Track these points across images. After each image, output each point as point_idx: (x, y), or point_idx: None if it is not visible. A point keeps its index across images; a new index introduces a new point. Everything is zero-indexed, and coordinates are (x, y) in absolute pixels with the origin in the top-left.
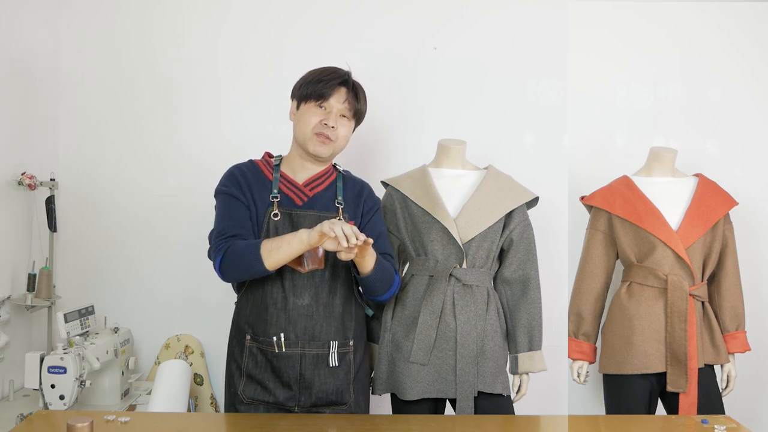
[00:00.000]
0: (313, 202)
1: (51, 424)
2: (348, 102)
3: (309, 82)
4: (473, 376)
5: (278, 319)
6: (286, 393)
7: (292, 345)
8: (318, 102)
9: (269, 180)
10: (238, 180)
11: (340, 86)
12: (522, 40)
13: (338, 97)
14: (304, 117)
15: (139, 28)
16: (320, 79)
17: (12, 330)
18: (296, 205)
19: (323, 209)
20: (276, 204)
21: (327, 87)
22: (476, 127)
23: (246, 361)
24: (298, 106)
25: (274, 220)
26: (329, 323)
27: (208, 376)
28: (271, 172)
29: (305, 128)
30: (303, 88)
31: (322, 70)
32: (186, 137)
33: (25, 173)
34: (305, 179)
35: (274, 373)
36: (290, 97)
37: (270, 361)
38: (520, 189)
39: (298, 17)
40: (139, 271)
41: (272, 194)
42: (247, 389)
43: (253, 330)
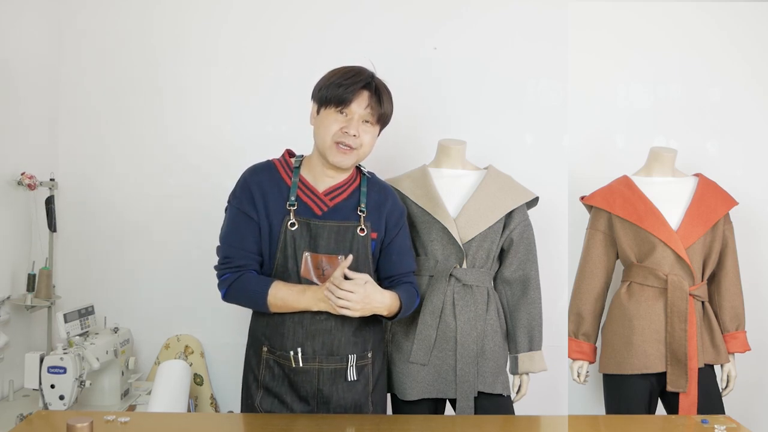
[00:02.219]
0: (333, 212)
1: (51, 424)
2: (371, 107)
3: (329, 86)
4: (473, 376)
5: (295, 333)
6: (304, 407)
7: (309, 360)
8: (338, 108)
9: (287, 185)
10: (251, 191)
11: (362, 90)
12: (522, 40)
13: (360, 102)
14: (323, 124)
15: (138, 28)
16: (341, 82)
17: (12, 330)
18: (315, 215)
19: (343, 219)
20: (293, 212)
21: (348, 92)
22: (476, 127)
23: (263, 372)
24: (318, 111)
25: (291, 230)
26: (347, 337)
27: (208, 376)
28: (289, 176)
29: (325, 136)
30: (323, 91)
31: (344, 72)
32: (186, 137)
33: (25, 173)
34: (326, 188)
35: (292, 387)
36: (311, 99)
37: (287, 374)
38: (520, 189)
39: (298, 17)
40: (139, 271)
41: (289, 202)
42: (264, 402)
43: (270, 342)
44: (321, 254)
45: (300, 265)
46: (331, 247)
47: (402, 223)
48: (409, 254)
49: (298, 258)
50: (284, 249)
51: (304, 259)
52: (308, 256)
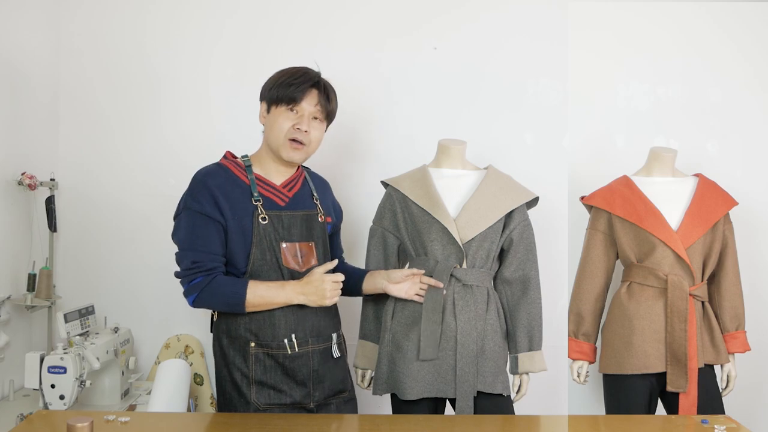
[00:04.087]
0: (294, 203)
1: (51, 424)
2: (320, 104)
3: (279, 85)
4: (473, 376)
5: (287, 321)
6: (302, 391)
7: (303, 344)
8: (289, 106)
9: (245, 183)
10: (211, 192)
11: (311, 89)
12: (522, 39)
13: (310, 99)
14: (276, 122)
15: (139, 28)
16: (290, 82)
17: (12, 330)
18: (279, 206)
19: (306, 207)
20: (260, 207)
21: (298, 90)
22: (476, 127)
23: (252, 368)
24: (268, 110)
25: (262, 224)
26: (329, 317)
27: (208, 376)
28: (244, 175)
29: (278, 134)
30: (273, 91)
31: (292, 72)
32: (186, 137)
33: (25, 173)
34: (282, 181)
35: (287, 374)
36: (259, 99)
37: (281, 363)
38: (520, 189)
39: (296, 17)
40: (139, 271)
41: (254, 197)
42: (261, 396)
43: (257, 337)
44: (296, 242)
45: (279, 256)
46: (304, 235)
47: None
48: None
49: (275, 249)
50: (260, 243)
51: (282, 249)
52: (285, 246)
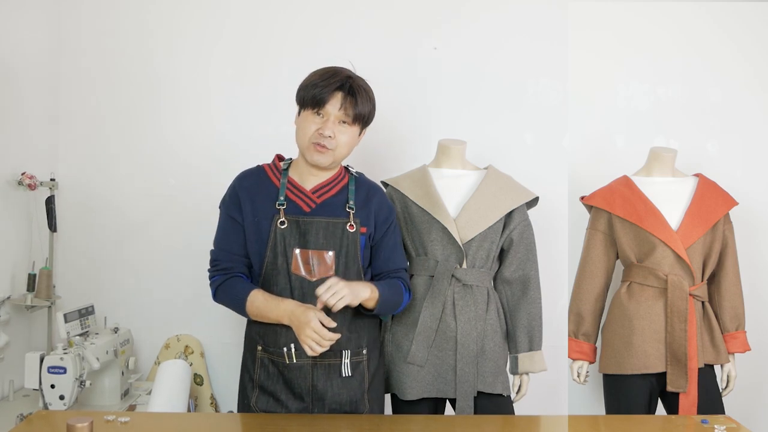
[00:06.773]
0: (321, 209)
1: (51, 424)
2: (345, 108)
3: (306, 87)
4: (473, 376)
5: (288, 329)
6: (299, 405)
7: (302, 356)
8: (315, 109)
9: (275, 187)
10: (237, 195)
11: (336, 91)
12: (522, 39)
13: (335, 103)
14: (302, 125)
15: (139, 28)
16: (316, 83)
17: (12, 330)
18: (303, 212)
19: (332, 215)
20: (282, 211)
21: (322, 93)
22: (476, 127)
23: (258, 372)
24: (299, 112)
25: (281, 228)
26: (341, 332)
27: (208, 376)
28: (278, 178)
29: (303, 137)
30: (301, 92)
31: (321, 74)
32: (186, 137)
33: (25, 173)
34: (313, 186)
35: (286, 384)
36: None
37: (282, 372)
38: (520, 189)
39: (297, 16)
40: (139, 271)
41: (278, 201)
42: (260, 401)
43: (264, 341)
44: (310, 249)
45: (290, 261)
46: (320, 243)
47: (391, 220)
48: (399, 251)
49: (288, 255)
50: (274, 247)
51: (294, 255)
52: (298, 252)
